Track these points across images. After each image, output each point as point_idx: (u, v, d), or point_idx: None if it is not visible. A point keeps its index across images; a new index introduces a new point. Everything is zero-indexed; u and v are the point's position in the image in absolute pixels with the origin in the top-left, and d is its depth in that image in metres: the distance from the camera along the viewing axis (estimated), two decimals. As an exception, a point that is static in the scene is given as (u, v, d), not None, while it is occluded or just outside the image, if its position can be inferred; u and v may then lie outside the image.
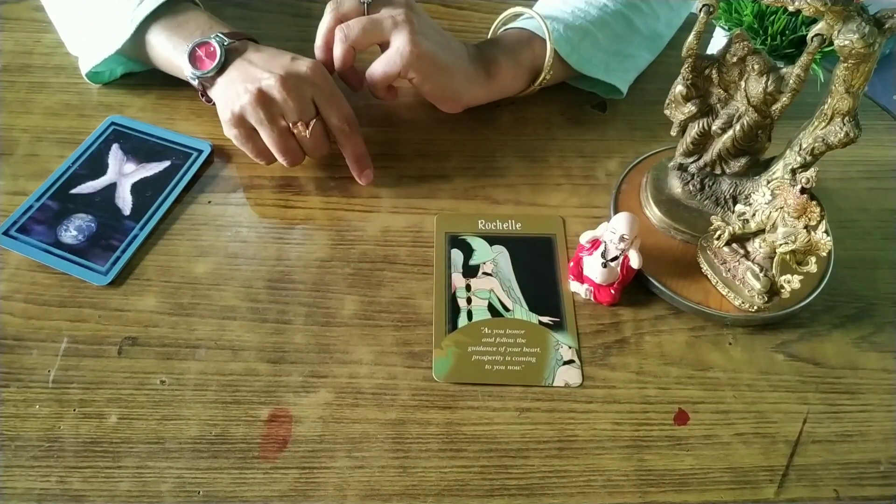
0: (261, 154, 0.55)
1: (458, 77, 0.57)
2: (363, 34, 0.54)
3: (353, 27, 0.54)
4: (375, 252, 0.53)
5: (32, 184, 0.56)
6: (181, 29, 0.57)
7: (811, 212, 0.44)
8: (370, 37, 0.55)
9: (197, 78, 0.54)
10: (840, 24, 0.41)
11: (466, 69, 0.58)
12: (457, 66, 0.57)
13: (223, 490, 0.42)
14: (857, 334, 0.50)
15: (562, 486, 0.43)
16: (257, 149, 0.54)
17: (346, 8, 0.55)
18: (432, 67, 0.55)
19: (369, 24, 0.54)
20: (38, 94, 0.63)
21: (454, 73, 0.57)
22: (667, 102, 0.51)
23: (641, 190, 0.57)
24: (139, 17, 0.56)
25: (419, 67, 0.54)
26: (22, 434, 0.44)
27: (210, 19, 0.57)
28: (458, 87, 0.58)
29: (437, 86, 0.57)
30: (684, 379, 0.48)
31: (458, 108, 0.60)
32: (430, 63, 0.55)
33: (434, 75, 0.56)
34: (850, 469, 0.44)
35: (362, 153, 0.56)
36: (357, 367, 0.47)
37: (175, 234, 0.54)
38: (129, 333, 0.48)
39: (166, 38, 0.57)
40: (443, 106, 0.59)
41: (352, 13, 0.55)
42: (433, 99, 0.58)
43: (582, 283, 0.51)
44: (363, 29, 0.54)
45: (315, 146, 0.54)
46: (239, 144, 0.54)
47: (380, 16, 0.54)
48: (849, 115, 0.45)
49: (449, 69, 0.56)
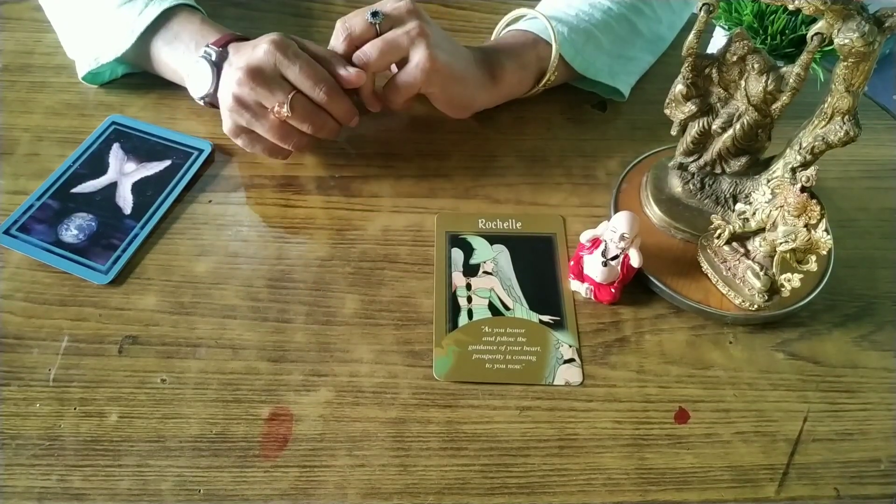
0: (272, 151, 0.55)
1: (471, 85, 0.57)
2: (381, 58, 0.53)
3: (369, 53, 0.53)
4: (376, 251, 0.53)
5: (33, 183, 0.56)
6: (177, 41, 0.57)
7: (811, 210, 0.44)
8: (389, 58, 0.53)
9: (202, 100, 0.56)
10: (840, 22, 0.41)
11: (476, 75, 0.58)
12: (469, 74, 0.57)
13: (224, 488, 0.42)
14: (857, 333, 0.50)
15: (562, 485, 0.43)
16: (266, 147, 0.54)
17: (357, 31, 0.53)
18: (450, 79, 0.55)
19: (386, 46, 0.53)
20: (39, 94, 0.63)
21: (468, 81, 0.57)
22: (667, 102, 0.51)
23: (642, 189, 0.57)
24: (140, 27, 0.57)
25: (438, 81, 0.54)
26: (22, 433, 0.44)
27: (202, 26, 0.57)
28: (470, 95, 0.58)
29: (452, 96, 0.57)
30: (685, 378, 0.48)
31: (468, 115, 0.60)
32: (449, 75, 0.55)
33: (451, 86, 0.56)
34: (850, 467, 0.44)
35: (347, 111, 0.54)
36: (358, 365, 0.47)
37: (176, 234, 0.54)
38: (130, 332, 0.48)
39: (165, 55, 0.58)
40: (453, 113, 0.59)
41: (365, 35, 0.53)
42: (445, 107, 0.58)
43: (582, 281, 0.51)
44: (381, 52, 0.53)
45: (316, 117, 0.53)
46: (249, 150, 0.55)
47: (394, 35, 0.53)
48: (849, 113, 0.45)
49: (463, 79, 0.56)
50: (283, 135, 0.53)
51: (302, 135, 0.54)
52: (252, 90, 0.51)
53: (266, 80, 0.51)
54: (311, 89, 0.51)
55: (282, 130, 0.53)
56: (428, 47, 0.53)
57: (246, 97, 0.51)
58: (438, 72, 0.53)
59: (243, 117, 0.52)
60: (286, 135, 0.53)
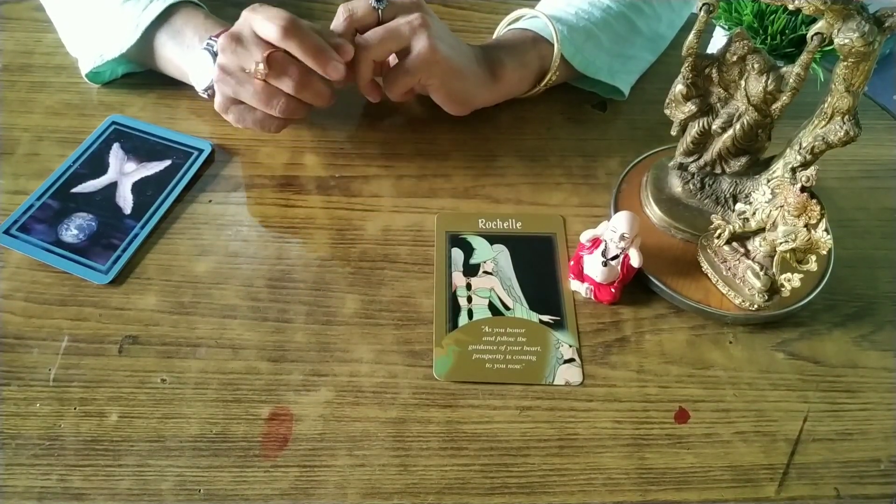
0: (262, 123, 0.54)
1: (471, 81, 0.57)
2: (382, 46, 0.53)
3: (370, 40, 0.53)
4: (376, 251, 0.53)
5: (33, 183, 0.56)
6: (181, 35, 0.58)
7: (811, 210, 0.44)
8: (390, 46, 0.53)
9: (205, 92, 0.56)
10: (840, 22, 0.41)
11: (476, 72, 0.58)
12: (469, 69, 0.57)
13: (224, 488, 0.42)
14: (857, 333, 0.50)
15: (562, 485, 0.43)
16: (256, 119, 0.54)
17: (360, 14, 0.53)
18: (450, 72, 0.55)
19: (387, 34, 0.53)
20: (39, 94, 0.63)
21: (468, 77, 0.57)
22: (667, 102, 0.51)
23: (642, 189, 0.57)
24: (144, 22, 0.57)
25: (438, 72, 0.54)
26: (23, 432, 0.44)
27: (206, 21, 0.58)
28: (470, 91, 0.58)
29: (451, 90, 0.57)
30: (685, 377, 0.48)
31: (467, 111, 0.60)
32: (448, 68, 0.55)
33: (450, 80, 0.56)
34: (850, 467, 0.44)
35: (316, 49, 0.50)
36: (358, 365, 0.47)
37: (176, 233, 0.54)
38: (130, 332, 0.48)
39: (169, 50, 0.58)
40: (452, 109, 0.59)
41: (366, 19, 0.54)
42: (444, 102, 0.58)
43: (582, 281, 0.51)
44: (381, 40, 0.53)
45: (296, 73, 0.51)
46: (240, 125, 0.54)
47: (396, 23, 0.53)
48: (849, 113, 0.45)
49: (463, 73, 0.56)
50: (266, 98, 0.52)
51: (288, 97, 0.52)
52: (233, 54, 0.51)
53: (244, 43, 0.51)
54: (280, 40, 0.49)
55: (265, 93, 0.52)
56: (429, 38, 0.53)
57: (228, 63, 0.51)
58: (438, 63, 0.53)
59: (229, 85, 0.52)
60: (270, 97, 0.52)
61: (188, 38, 0.57)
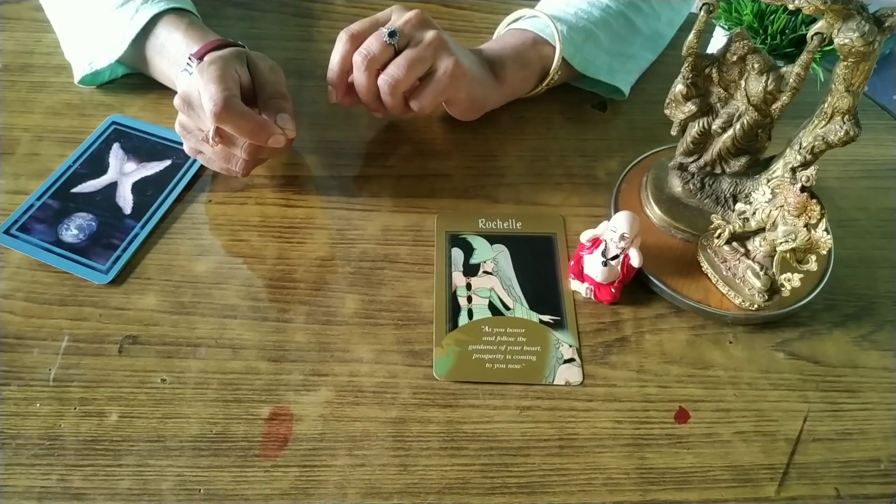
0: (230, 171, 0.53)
1: (486, 87, 0.58)
2: (410, 76, 0.51)
3: (396, 75, 0.51)
4: (376, 251, 0.53)
5: (33, 183, 0.56)
6: (165, 50, 0.57)
7: (811, 210, 0.44)
8: (416, 74, 0.52)
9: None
10: (840, 22, 0.41)
11: (485, 76, 0.58)
12: (482, 76, 0.57)
13: (224, 488, 0.42)
14: (857, 333, 0.50)
15: (562, 485, 0.43)
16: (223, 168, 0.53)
17: (377, 54, 0.51)
18: (473, 83, 0.56)
19: (412, 63, 0.51)
20: (39, 94, 0.63)
21: (484, 83, 0.57)
22: (667, 102, 0.51)
23: (642, 189, 0.57)
24: (130, 35, 0.57)
25: (465, 85, 0.55)
26: (23, 432, 0.44)
27: (186, 34, 0.55)
28: (485, 96, 0.58)
29: (474, 98, 0.57)
30: (685, 377, 0.48)
31: (479, 115, 0.61)
32: (472, 79, 0.55)
33: (473, 89, 0.56)
34: (850, 467, 0.44)
35: (251, 130, 0.49)
36: (358, 365, 0.47)
37: (176, 233, 0.54)
38: (130, 332, 0.48)
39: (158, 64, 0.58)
40: (467, 116, 0.60)
41: (383, 56, 0.51)
42: (464, 110, 0.59)
43: (582, 281, 0.51)
44: (409, 70, 0.51)
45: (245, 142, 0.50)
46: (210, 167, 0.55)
47: (416, 51, 0.51)
48: (849, 113, 0.45)
49: (480, 82, 0.57)
50: (224, 158, 0.52)
51: (245, 161, 0.52)
52: (187, 116, 0.51)
53: (194, 108, 0.50)
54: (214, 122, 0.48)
55: (222, 154, 0.52)
56: (452, 55, 0.53)
57: (186, 123, 0.51)
58: (465, 76, 0.54)
59: (190, 141, 0.53)
60: (227, 157, 0.52)
61: (171, 53, 0.56)
